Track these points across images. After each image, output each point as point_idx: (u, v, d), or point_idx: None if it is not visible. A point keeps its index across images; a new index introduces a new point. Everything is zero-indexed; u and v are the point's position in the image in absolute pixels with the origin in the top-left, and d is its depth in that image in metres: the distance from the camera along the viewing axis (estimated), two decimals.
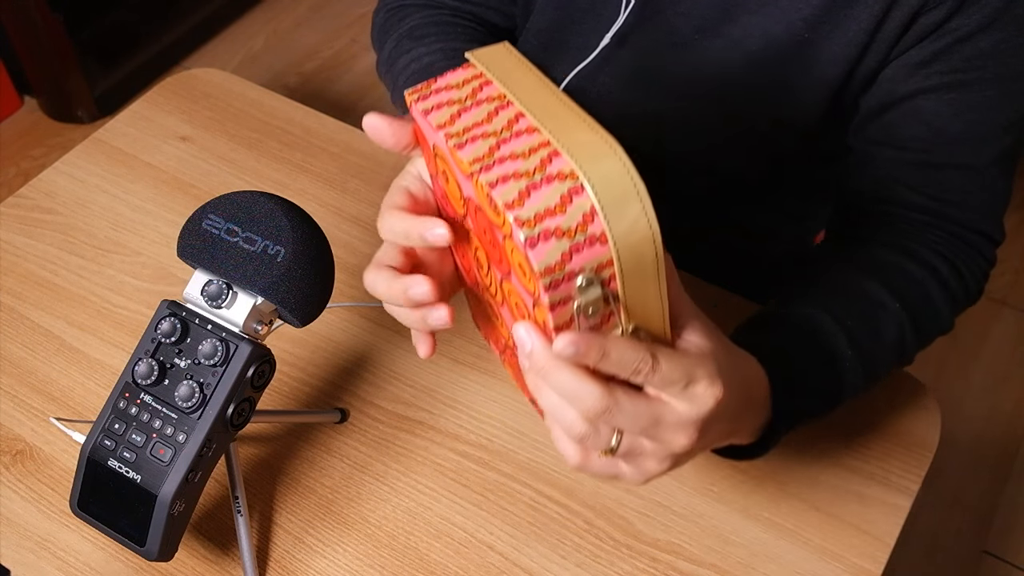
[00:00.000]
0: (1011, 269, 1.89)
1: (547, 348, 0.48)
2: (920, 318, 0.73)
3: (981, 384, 1.74)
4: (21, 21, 1.98)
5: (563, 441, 0.54)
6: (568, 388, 0.49)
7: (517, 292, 0.50)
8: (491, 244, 0.50)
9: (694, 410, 0.52)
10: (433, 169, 0.55)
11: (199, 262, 0.63)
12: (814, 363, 0.67)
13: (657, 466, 0.55)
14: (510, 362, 0.61)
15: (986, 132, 0.72)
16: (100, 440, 0.63)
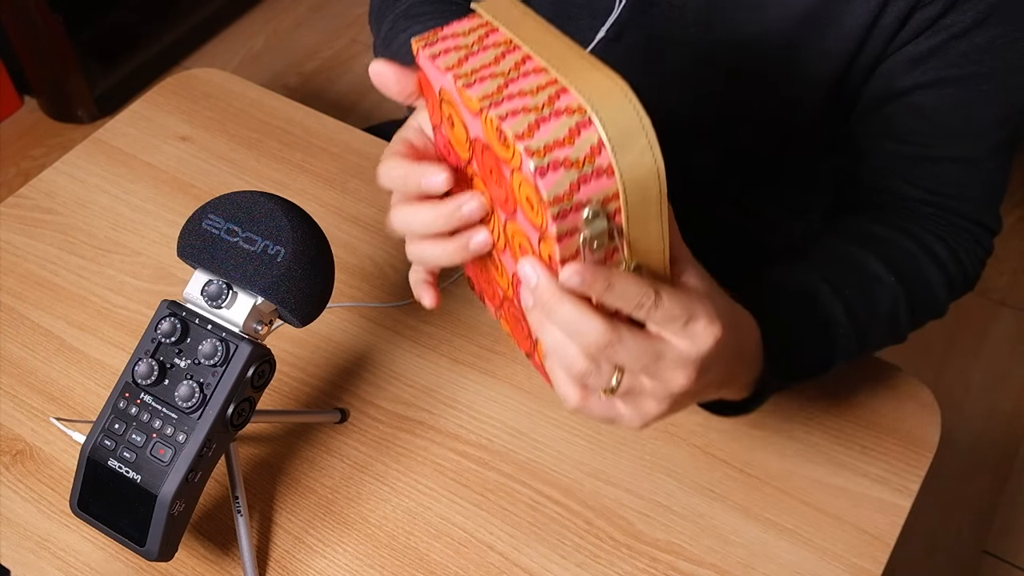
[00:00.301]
0: (1010, 269, 1.89)
1: (552, 281, 0.49)
2: (915, 294, 0.73)
3: (981, 384, 1.74)
4: (21, 21, 1.98)
5: (563, 382, 0.54)
6: (572, 322, 0.49)
7: (522, 231, 0.51)
8: (497, 184, 0.51)
9: (694, 348, 0.52)
10: (437, 118, 0.56)
11: (199, 262, 0.63)
12: (808, 325, 0.68)
13: (655, 407, 0.55)
14: (507, 316, 0.62)
15: (984, 126, 0.72)
16: (100, 440, 0.63)
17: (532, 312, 0.52)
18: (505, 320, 0.63)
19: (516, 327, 0.61)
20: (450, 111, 0.53)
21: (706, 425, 0.76)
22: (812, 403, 0.77)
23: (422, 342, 0.81)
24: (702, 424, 0.76)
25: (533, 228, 0.49)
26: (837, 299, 0.69)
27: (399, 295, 0.85)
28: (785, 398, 0.77)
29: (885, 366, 0.80)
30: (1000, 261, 1.90)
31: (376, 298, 0.84)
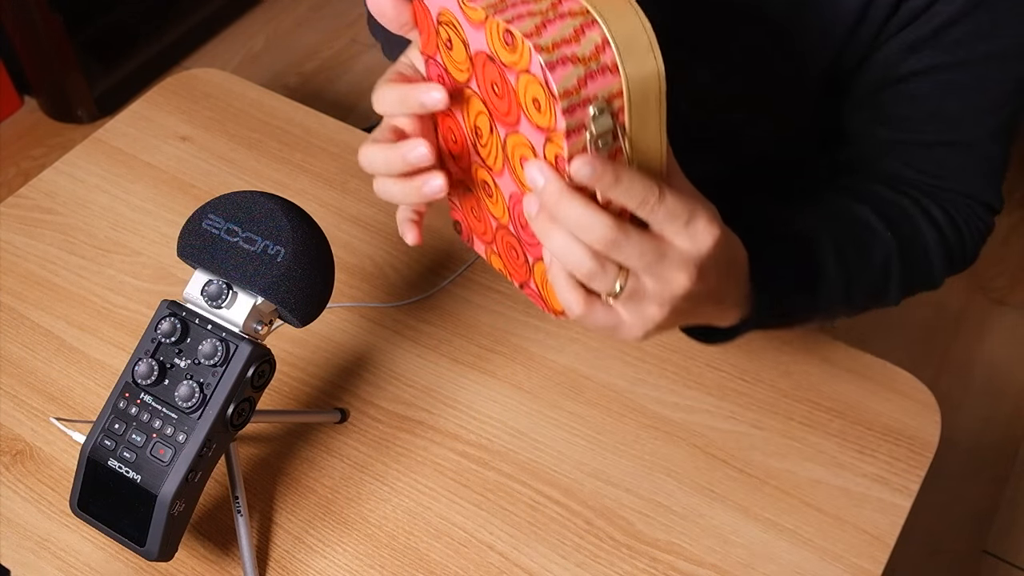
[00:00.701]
0: (1010, 270, 1.89)
1: (559, 180, 0.51)
2: (909, 253, 0.74)
3: (981, 384, 1.74)
4: (21, 21, 1.98)
5: (567, 290, 0.55)
6: (579, 218, 0.51)
7: (525, 141, 0.53)
8: (499, 97, 0.53)
9: (694, 248, 0.54)
10: (431, 47, 0.58)
11: (199, 262, 0.63)
12: (794, 255, 0.69)
13: (657, 311, 0.56)
14: (500, 248, 0.64)
15: (979, 111, 0.72)
16: (100, 440, 0.63)
17: (537, 220, 0.53)
18: (497, 255, 0.65)
19: (511, 258, 0.63)
20: (448, 33, 0.55)
21: (706, 425, 0.76)
22: (812, 403, 0.77)
23: (422, 342, 0.81)
24: (702, 424, 0.76)
25: (539, 132, 0.51)
26: (827, 238, 0.71)
27: (399, 295, 0.85)
28: (785, 398, 0.77)
29: (885, 366, 0.80)
30: (1000, 261, 1.90)
31: (376, 298, 0.84)
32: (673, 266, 0.54)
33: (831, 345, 0.81)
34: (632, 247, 0.52)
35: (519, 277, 0.63)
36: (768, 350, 0.80)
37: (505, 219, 0.61)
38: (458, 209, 0.67)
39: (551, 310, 0.62)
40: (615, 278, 0.54)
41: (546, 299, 0.61)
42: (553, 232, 0.53)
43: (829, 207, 0.75)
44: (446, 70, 0.58)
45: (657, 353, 0.80)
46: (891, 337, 1.79)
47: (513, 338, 0.81)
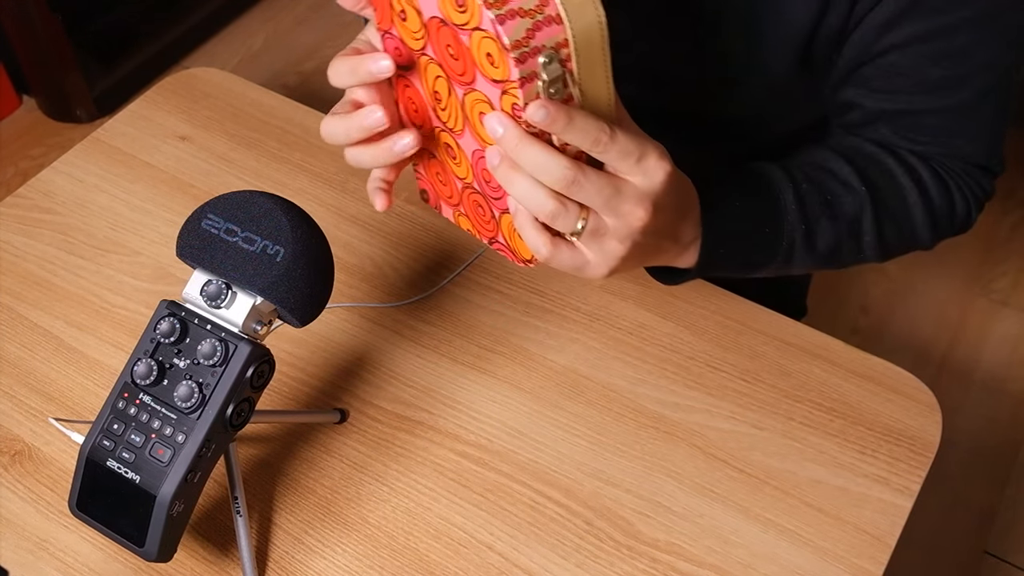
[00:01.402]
0: (1012, 270, 1.89)
1: (517, 127, 0.55)
2: (886, 210, 0.75)
3: (982, 384, 1.74)
4: (20, 20, 1.98)
5: (533, 233, 0.60)
6: (538, 161, 0.55)
7: (482, 97, 0.57)
8: (454, 58, 0.57)
9: (648, 183, 0.58)
10: (387, 21, 0.62)
11: (198, 262, 0.63)
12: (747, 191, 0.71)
13: (619, 246, 0.60)
14: (467, 208, 0.68)
15: (964, 77, 0.72)
16: (99, 440, 0.63)
17: (499, 168, 0.58)
18: (465, 216, 0.69)
19: (478, 215, 0.67)
20: (401, 5, 0.59)
21: (707, 425, 0.76)
22: (813, 403, 0.77)
23: (422, 342, 0.81)
24: (703, 424, 0.76)
25: (495, 85, 0.55)
26: (789, 182, 0.72)
27: (399, 295, 0.84)
28: (786, 398, 0.77)
29: (886, 366, 0.80)
30: (1002, 261, 1.90)
31: (376, 298, 0.84)
32: (630, 201, 0.58)
33: (832, 345, 0.81)
34: (590, 185, 0.56)
35: (487, 233, 0.67)
36: (769, 350, 0.80)
37: (469, 178, 0.65)
38: (424, 177, 0.71)
39: (520, 260, 0.65)
40: (577, 217, 0.58)
41: (514, 250, 0.65)
42: (515, 178, 0.57)
43: (803, 156, 0.76)
44: (402, 41, 0.62)
45: (657, 353, 0.80)
46: (892, 337, 1.79)
47: (513, 338, 0.81)
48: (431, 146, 0.67)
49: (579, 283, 0.85)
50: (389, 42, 0.63)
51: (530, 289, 0.84)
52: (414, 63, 0.62)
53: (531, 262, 0.65)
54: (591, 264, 0.61)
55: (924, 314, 1.83)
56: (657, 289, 0.84)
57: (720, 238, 0.69)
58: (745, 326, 0.82)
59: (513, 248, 0.65)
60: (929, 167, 0.77)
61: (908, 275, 1.89)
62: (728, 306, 0.83)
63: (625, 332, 0.82)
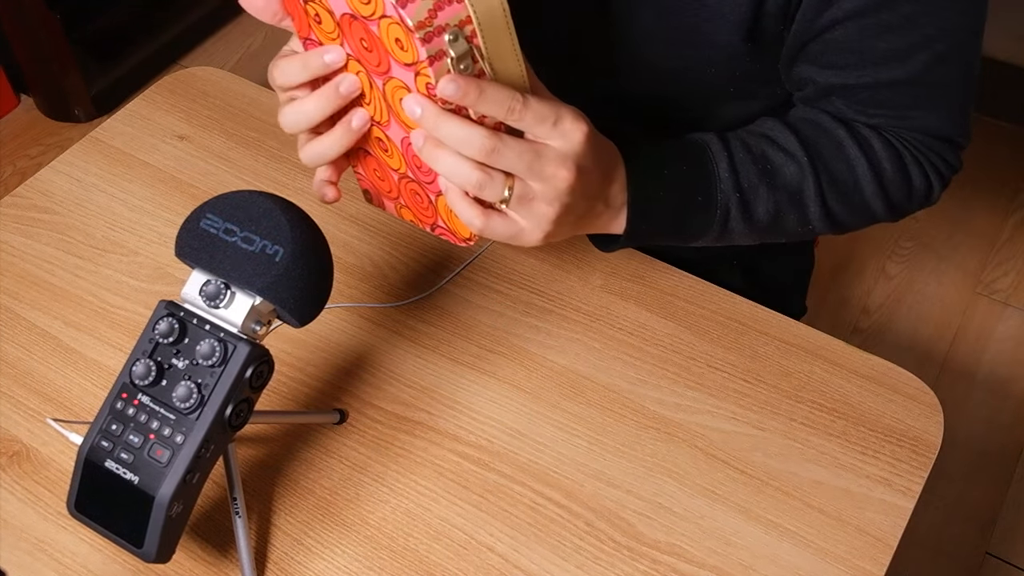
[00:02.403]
0: (1014, 270, 1.89)
1: (434, 105, 0.57)
2: (831, 180, 0.74)
3: (984, 385, 1.74)
4: (18, 19, 1.98)
5: (464, 206, 0.62)
6: (458, 135, 0.57)
7: (400, 83, 0.60)
8: (368, 51, 0.60)
9: (567, 144, 0.60)
10: (305, 27, 0.65)
11: (197, 262, 0.62)
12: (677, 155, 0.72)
13: (548, 209, 0.62)
14: (406, 197, 0.70)
15: (913, 46, 0.71)
16: (97, 441, 0.63)
17: (424, 149, 0.60)
18: (406, 206, 0.72)
19: (416, 203, 0.70)
20: (315, 9, 0.61)
21: (708, 426, 0.76)
22: (814, 404, 0.77)
23: (421, 342, 0.81)
24: (704, 425, 0.76)
25: (408, 68, 0.58)
26: (724, 153, 0.73)
27: (398, 295, 0.84)
28: (787, 399, 0.77)
29: (888, 367, 0.79)
30: (1004, 262, 1.90)
31: (375, 298, 0.84)
32: (551, 163, 0.60)
33: (833, 345, 0.81)
34: (510, 151, 0.58)
35: (428, 219, 0.69)
36: (770, 350, 0.80)
37: (403, 167, 0.67)
38: (363, 177, 0.74)
39: (461, 239, 0.67)
40: (503, 185, 0.60)
41: (454, 230, 0.67)
42: (439, 155, 0.59)
43: (749, 126, 0.76)
44: (321, 44, 0.65)
45: (658, 354, 0.80)
46: (894, 337, 1.79)
47: (513, 338, 0.81)
48: (365, 143, 0.69)
49: (580, 283, 0.85)
50: (310, 48, 0.66)
51: (530, 289, 0.84)
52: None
53: (470, 239, 0.67)
54: (525, 230, 0.63)
55: (926, 314, 1.83)
56: (657, 289, 0.84)
57: (647, 203, 0.70)
58: (746, 326, 0.82)
59: (452, 229, 0.67)
60: (883, 138, 0.76)
61: (910, 275, 1.89)
62: (729, 306, 0.83)
63: (626, 332, 0.81)
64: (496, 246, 0.87)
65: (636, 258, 0.86)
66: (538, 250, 0.87)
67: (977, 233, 1.95)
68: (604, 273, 0.85)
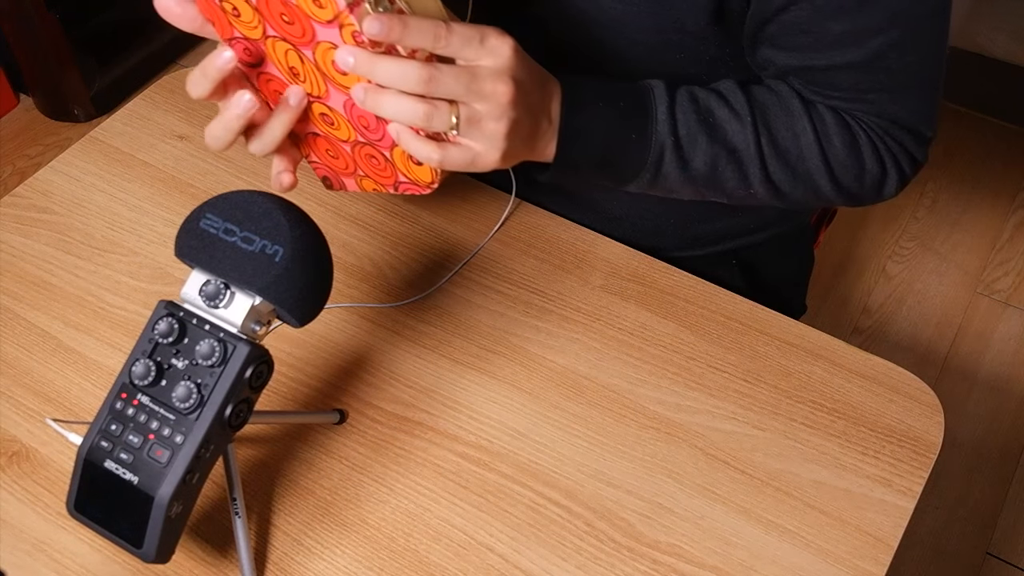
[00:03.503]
0: (1015, 270, 1.89)
1: (365, 51, 0.59)
2: (774, 145, 0.75)
3: (985, 385, 1.73)
4: (18, 19, 1.98)
5: (418, 144, 0.63)
6: (394, 72, 0.59)
7: (327, 44, 0.61)
8: (291, 24, 0.61)
9: (497, 60, 0.62)
10: (227, 28, 0.66)
11: (197, 262, 0.62)
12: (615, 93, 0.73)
13: (497, 125, 0.64)
14: (364, 166, 0.72)
15: (867, 29, 0.71)
16: (97, 441, 0.63)
17: (367, 99, 0.61)
18: (365, 176, 0.73)
19: (374, 167, 0.71)
20: (231, 3, 0.63)
21: (708, 426, 0.76)
22: (814, 404, 0.77)
23: (421, 342, 0.81)
24: (704, 425, 0.76)
25: (331, 26, 0.59)
26: (666, 96, 0.74)
27: (398, 295, 0.84)
28: (787, 399, 0.77)
29: (888, 367, 0.79)
30: (1004, 262, 1.90)
31: (375, 298, 0.84)
32: (488, 80, 0.62)
33: (834, 345, 0.80)
34: (447, 77, 0.60)
35: (389, 180, 0.71)
36: (770, 350, 0.80)
37: (352, 135, 0.69)
38: (318, 164, 0.76)
39: (424, 186, 0.69)
40: (448, 112, 0.62)
41: (415, 179, 0.69)
42: (382, 99, 0.61)
43: (706, 87, 0.77)
44: (246, 38, 0.66)
45: (658, 354, 0.80)
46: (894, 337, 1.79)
47: (513, 338, 0.81)
48: (311, 125, 0.71)
49: (580, 283, 0.84)
50: (237, 47, 0.67)
51: (530, 289, 0.84)
52: (264, 53, 0.66)
53: (432, 183, 0.68)
54: (481, 153, 0.65)
55: (926, 314, 1.83)
56: (657, 289, 0.84)
57: (579, 128, 0.71)
58: (746, 326, 0.82)
59: (414, 179, 0.69)
60: (839, 116, 0.76)
61: (910, 275, 1.88)
62: (729, 306, 0.83)
63: (626, 332, 0.81)
64: (494, 245, 0.87)
65: (636, 258, 0.86)
66: (538, 250, 0.87)
67: (977, 233, 1.95)
68: (604, 273, 0.85)
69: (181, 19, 0.68)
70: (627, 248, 0.87)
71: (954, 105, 2.15)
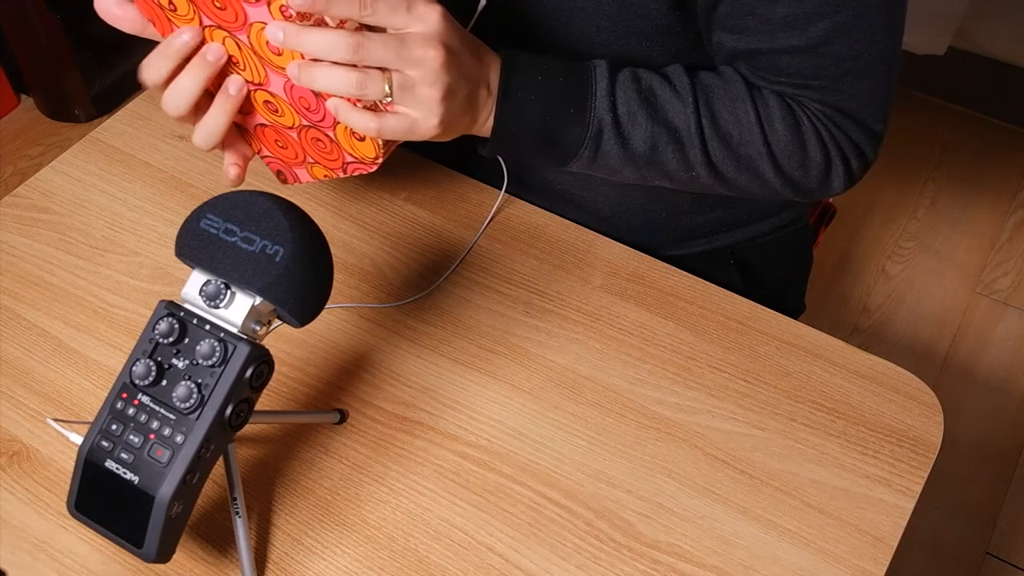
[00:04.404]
0: (1014, 269, 1.89)
1: (293, 25, 0.60)
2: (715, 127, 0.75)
3: (984, 385, 1.74)
4: (18, 20, 1.98)
5: (355, 115, 0.64)
6: (322, 42, 0.61)
7: (259, 25, 0.62)
8: (222, 8, 0.63)
9: (426, 25, 0.63)
10: (166, 25, 0.67)
11: (197, 262, 0.62)
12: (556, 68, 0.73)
13: (431, 90, 0.65)
14: (312, 153, 0.73)
15: (811, 13, 0.71)
16: (97, 441, 0.63)
17: (300, 74, 0.63)
18: (316, 162, 0.74)
19: (322, 151, 0.72)
20: None
21: (708, 426, 0.76)
22: (814, 404, 0.77)
23: (421, 342, 0.81)
24: (703, 425, 0.76)
25: (259, 4, 0.61)
26: (607, 73, 0.74)
27: (398, 295, 0.84)
28: (787, 399, 0.77)
29: (888, 367, 0.79)
30: (1004, 262, 1.90)
31: (375, 298, 0.84)
32: (418, 46, 0.63)
33: (833, 345, 0.81)
34: (375, 44, 0.61)
35: (337, 162, 0.72)
36: (770, 350, 0.80)
37: (296, 120, 0.70)
38: (271, 158, 0.77)
39: (370, 163, 0.70)
40: (381, 80, 0.63)
41: (361, 156, 0.70)
42: (315, 72, 0.62)
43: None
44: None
45: (658, 354, 0.80)
46: (894, 337, 1.79)
47: (513, 338, 0.81)
48: (257, 116, 0.72)
49: (580, 283, 0.85)
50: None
51: (530, 289, 0.84)
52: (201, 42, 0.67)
53: (378, 158, 0.69)
54: (419, 120, 0.66)
55: (926, 314, 1.83)
56: (657, 289, 0.84)
57: (515, 100, 0.71)
58: (746, 326, 0.82)
59: (359, 156, 0.70)
60: (783, 101, 0.76)
61: (910, 275, 1.89)
62: (729, 306, 0.83)
63: (626, 332, 0.81)
64: (494, 245, 0.87)
65: (636, 258, 0.86)
66: (538, 250, 0.87)
67: (977, 233, 1.95)
68: (604, 273, 0.85)
69: (122, 21, 0.68)
70: (627, 248, 0.87)
71: (954, 105, 2.15)
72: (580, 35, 0.79)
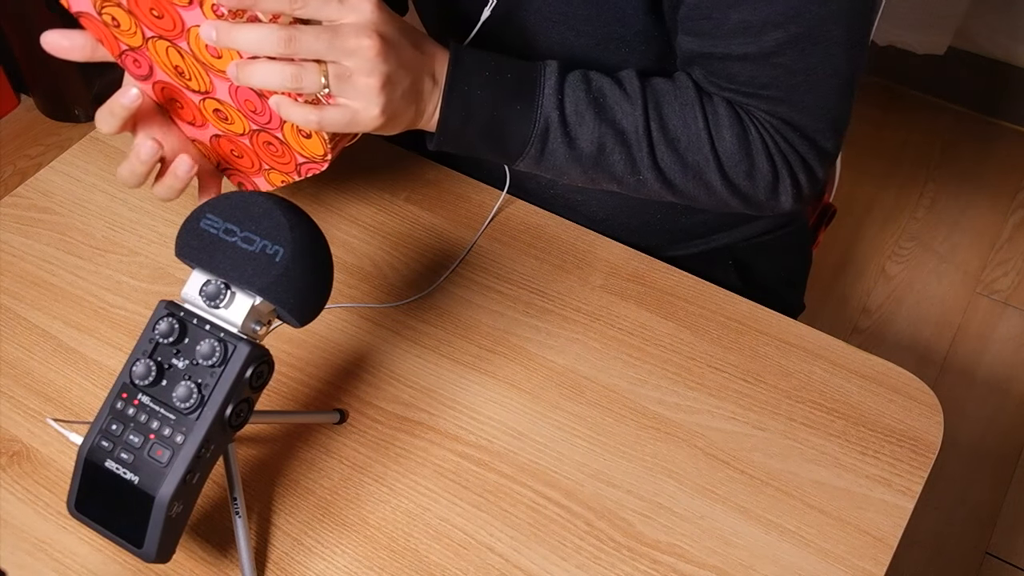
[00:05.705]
0: (1015, 270, 1.89)
1: (225, 22, 0.61)
2: (663, 131, 0.75)
3: (984, 385, 1.74)
4: (18, 19, 1.97)
5: (295, 110, 0.64)
6: (253, 38, 0.61)
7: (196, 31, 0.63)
8: (160, 16, 0.64)
9: (358, 15, 0.63)
10: (115, 45, 0.69)
11: (197, 262, 0.62)
12: (504, 65, 0.73)
13: (369, 80, 0.64)
14: (266, 158, 0.74)
15: (765, 22, 0.70)
16: (97, 441, 0.63)
17: (238, 74, 0.63)
18: (271, 167, 0.75)
19: (274, 155, 0.72)
20: (111, 12, 0.66)
21: (708, 426, 0.76)
22: (814, 404, 0.77)
23: (421, 342, 0.81)
24: (704, 425, 0.76)
25: (191, 7, 0.62)
26: (556, 73, 0.74)
27: (398, 295, 0.84)
28: (787, 399, 0.77)
29: (888, 367, 0.79)
30: (1004, 262, 1.90)
31: (375, 298, 0.84)
32: (351, 35, 0.62)
33: (833, 345, 0.81)
34: (306, 35, 0.61)
35: (289, 164, 0.72)
36: (770, 350, 0.80)
37: (246, 126, 0.70)
38: (230, 170, 0.77)
39: (320, 160, 0.70)
40: (317, 71, 0.63)
41: (310, 155, 0.70)
42: (250, 69, 0.62)
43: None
44: (130, 48, 0.68)
45: (658, 354, 0.80)
46: (894, 338, 1.79)
47: (513, 338, 0.81)
48: (209, 127, 0.73)
49: (580, 283, 0.85)
50: (127, 61, 0.69)
51: (530, 289, 0.84)
52: (151, 61, 0.69)
53: (327, 155, 0.69)
54: (360, 111, 0.65)
55: (926, 314, 1.83)
56: (657, 289, 0.84)
57: (461, 93, 0.71)
58: (746, 326, 0.82)
59: (309, 154, 0.70)
60: (732, 109, 0.76)
61: (910, 275, 1.89)
62: (729, 306, 0.83)
63: (626, 332, 0.81)
64: (494, 245, 0.87)
65: (636, 258, 0.86)
66: (538, 250, 0.87)
67: (977, 233, 1.95)
68: (604, 273, 0.85)
69: (71, 51, 0.71)
70: (627, 248, 0.87)
71: (954, 105, 2.15)
72: (562, 41, 0.79)
